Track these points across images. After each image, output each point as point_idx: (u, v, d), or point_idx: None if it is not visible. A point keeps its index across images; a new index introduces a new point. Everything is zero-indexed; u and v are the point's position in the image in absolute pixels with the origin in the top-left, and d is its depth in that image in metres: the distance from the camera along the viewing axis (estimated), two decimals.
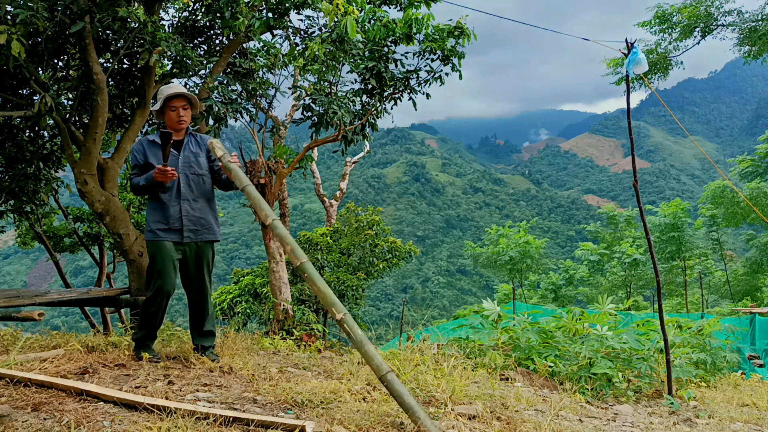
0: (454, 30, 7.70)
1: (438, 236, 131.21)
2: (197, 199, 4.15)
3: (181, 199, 4.08)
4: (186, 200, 4.10)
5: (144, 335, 4.16)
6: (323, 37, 6.80)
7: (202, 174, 4.20)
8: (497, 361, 5.11)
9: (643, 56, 5.09)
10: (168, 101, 4.10)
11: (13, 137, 7.99)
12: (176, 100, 4.10)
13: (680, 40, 19.64)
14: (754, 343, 11.37)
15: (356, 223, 15.41)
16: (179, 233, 4.07)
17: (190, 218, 4.10)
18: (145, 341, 4.18)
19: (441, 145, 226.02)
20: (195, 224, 4.13)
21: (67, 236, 12.92)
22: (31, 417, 2.61)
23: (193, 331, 4.31)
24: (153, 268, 4.07)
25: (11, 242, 78.10)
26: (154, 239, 4.05)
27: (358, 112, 8.54)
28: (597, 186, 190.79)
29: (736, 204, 28.07)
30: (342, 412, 3.00)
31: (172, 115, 4.11)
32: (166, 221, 4.05)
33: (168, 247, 4.05)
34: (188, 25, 7.40)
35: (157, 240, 4.04)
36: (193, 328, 4.32)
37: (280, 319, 9.03)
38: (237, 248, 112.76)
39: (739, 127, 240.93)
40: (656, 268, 5.29)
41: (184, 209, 4.09)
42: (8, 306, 4.66)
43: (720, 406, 4.92)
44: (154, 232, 4.05)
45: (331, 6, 5.75)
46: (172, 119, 4.12)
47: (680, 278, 31.48)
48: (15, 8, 5.33)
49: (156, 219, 4.06)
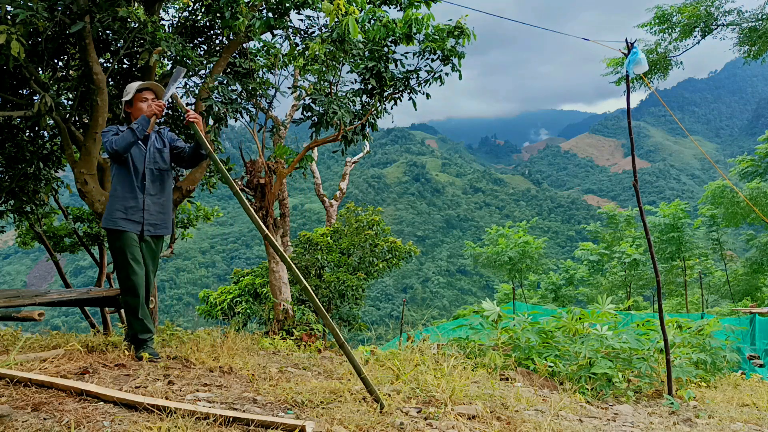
0: (454, 30, 7.71)
1: (438, 236, 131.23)
2: (159, 195, 4.28)
3: (145, 194, 4.18)
4: (149, 195, 4.21)
5: (137, 332, 4.13)
6: (323, 37, 6.80)
7: (165, 170, 4.34)
8: (497, 361, 5.11)
9: (643, 56, 5.09)
10: (138, 92, 4.24)
11: (13, 137, 7.99)
12: (146, 92, 4.27)
13: (680, 40, 19.64)
14: (754, 343, 11.37)
15: (356, 223, 15.42)
16: (139, 226, 4.15)
17: (151, 212, 4.21)
18: (142, 339, 4.15)
19: (441, 145, 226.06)
20: (155, 219, 4.24)
21: (67, 236, 12.92)
22: (31, 417, 2.61)
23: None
24: (123, 261, 4.07)
25: (11, 242, 78.19)
26: (117, 228, 4.08)
27: (358, 112, 8.55)
28: (597, 186, 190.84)
29: (736, 204, 28.08)
30: (342, 412, 3.00)
31: (142, 106, 4.22)
32: (127, 212, 4.11)
33: (133, 237, 4.11)
34: (188, 25, 7.41)
35: (122, 230, 4.08)
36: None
37: (280, 319, 9.03)
38: (237, 248, 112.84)
39: (739, 127, 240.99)
40: (656, 268, 5.29)
41: (147, 203, 4.19)
42: (8, 306, 4.66)
43: (720, 406, 4.92)
44: (115, 221, 4.08)
45: (331, 6, 5.75)
46: (142, 110, 4.22)
47: (680, 278, 31.49)
48: (15, 8, 5.33)
49: (118, 209, 4.10)
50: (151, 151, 4.28)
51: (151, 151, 4.28)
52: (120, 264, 4.11)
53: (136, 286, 4.07)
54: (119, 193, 4.14)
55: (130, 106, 4.29)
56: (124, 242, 4.08)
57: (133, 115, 4.28)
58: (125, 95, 4.30)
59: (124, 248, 4.07)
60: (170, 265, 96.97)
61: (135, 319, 4.13)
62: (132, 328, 4.16)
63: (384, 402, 3.14)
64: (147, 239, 4.22)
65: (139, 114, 4.23)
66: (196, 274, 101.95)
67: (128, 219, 4.11)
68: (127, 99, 4.27)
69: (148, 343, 4.16)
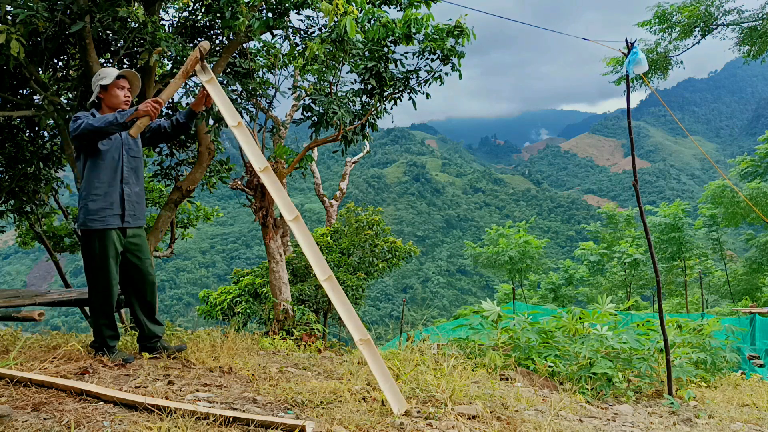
0: (454, 29, 7.70)
1: (438, 236, 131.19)
2: (136, 183, 4.14)
3: (123, 183, 4.03)
4: (127, 183, 4.06)
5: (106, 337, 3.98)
6: (323, 37, 6.80)
7: (139, 157, 4.20)
8: (497, 361, 5.11)
9: (643, 56, 5.08)
10: (117, 79, 4.06)
11: (13, 137, 7.99)
12: (123, 80, 4.12)
13: (680, 40, 19.62)
14: (754, 343, 11.38)
15: (356, 223, 15.40)
16: (120, 218, 3.99)
17: (131, 201, 4.07)
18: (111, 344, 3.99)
19: (441, 145, 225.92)
20: (134, 209, 4.09)
21: (67, 236, 12.91)
22: (31, 417, 2.61)
23: (144, 321, 4.17)
24: (96, 262, 3.90)
25: (11, 242, 78.16)
26: (99, 227, 3.89)
27: (358, 112, 8.54)
28: (597, 186, 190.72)
29: (736, 204, 28.07)
30: (342, 412, 3.00)
31: (119, 94, 4.06)
32: (110, 205, 3.94)
33: (113, 236, 3.95)
34: (188, 25, 7.40)
35: (103, 228, 3.90)
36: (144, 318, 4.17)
37: (280, 319, 9.03)
38: (237, 248, 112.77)
39: (739, 127, 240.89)
40: (656, 268, 5.29)
41: (126, 192, 4.04)
42: (8, 306, 4.66)
43: (720, 406, 4.92)
44: (97, 216, 3.90)
45: (330, 6, 5.75)
46: (118, 98, 4.06)
47: (680, 278, 31.49)
48: (15, 8, 5.34)
49: (104, 206, 3.93)
50: (125, 137, 4.10)
51: (125, 137, 4.10)
52: (99, 264, 3.91)
53: (112, 287, 3.93)
54: (100, 188, 3.93)
55: (105, 91, 4.06)
56: (111, 241, 3.92)
57: (105, 101, 4.07)
58: (101, 78, 4.05)
59: (102, 249, 3.89)
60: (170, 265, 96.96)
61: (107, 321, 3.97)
62: (101, 335, 3.97)
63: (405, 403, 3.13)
64: (129, 231, 4.06)
65: (112, 102, 4.05)
66: (196, 274, 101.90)
67: (112, 215, 3.94)
68: (104, 83, 4.03)
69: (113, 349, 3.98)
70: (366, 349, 3.24)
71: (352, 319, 3.32)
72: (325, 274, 3.44)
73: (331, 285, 3.41)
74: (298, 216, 3.59)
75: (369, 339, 3.28)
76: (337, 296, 3.37)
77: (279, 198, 3.58)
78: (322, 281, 3.43)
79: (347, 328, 3.30)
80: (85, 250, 3.97)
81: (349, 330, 3.29)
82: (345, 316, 3.33)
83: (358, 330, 3.29)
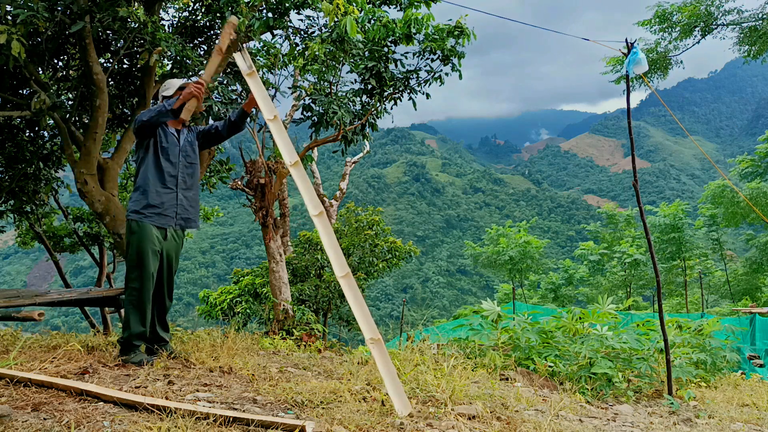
0: (454, 30, 7.70)
1: (438, 236, 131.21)
2: (190, 189, 4.24)
3: (178, 188, 4.13)
4: (182, 189, 4.17)
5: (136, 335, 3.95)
6: (323, 37, 6.80)
7: (195, 164, 4.32)
8: (497, 361, 5.11)
9: (643, 56, 5.08)
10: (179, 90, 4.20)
11: (13, 137, 7.99)
12: None
13: (680, 40, 19.63)
14: (754, 343, 11.38)
15: (356, 223, 15.41)
16: (170, 219, 4.07)
17: (184, 206, 4.17)
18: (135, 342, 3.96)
19: (441, 145, 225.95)
20: (186, 213, 4.19)
21: (67, 236, 12.93)
22: (31, 417, 2.61)
23: (155, 323, 4.17)
24: (137, 254, 3.94)
25: (11, 242, 78.07)
26: (142, 220, 3.96)
27: (358, 112, 8.54)
28: (597, 186, 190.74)
29: (736, 204, 28.08)
30: (342, 412, 3.00)
31: None
32: (161, 205, 4.03)
33: (153, 232, 4.00)
34: (188, 25, 7.41)
35: (146, 222, 3.96)
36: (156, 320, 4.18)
37: (280, 319, 9.03)
38: (237, 248, 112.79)
39: (739, 127, 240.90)
40: (656, 268, 5.29)
41: (180, 197, 4.14)
42: (8, 306, 4.66)
43: (720, 406, 4.92)
44: (142, 212, 3.97)
45: (331, 6, 5.75)
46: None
47: (680, 278, 31.50)
48: (15, 8, 5.33)
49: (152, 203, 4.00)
50: (183, 145, 4.23)
51: (183, 145, 4.23)
52: (138, 258, 3.94)
53: (148, 282, 3.95)
54: (152, 186, 4.02)
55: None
56: (149, 237, 3.96)
57: None
58: (165, 89, 4.26)
59: (141, 242, 3.94)
60: None
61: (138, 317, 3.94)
62: (128, 330, 3.95)
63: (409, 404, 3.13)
64: (173, 234, 4.12)
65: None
66: (196, 274, 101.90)
67: (161, 214, 4.02)
68: (166, 94, 4.24)
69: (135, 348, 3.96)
70: (376, 349, 3.25)
71: (365, 317, 3.34)
72: (343, 271, 3.49)
73: (348, 282, 3.45)
74: (322, 212, 3.64)
75: (380, 339, 3.29)
76: (353, 294, 3.41)
77: (306, 193, 3.63)
78: (339, 277, 3.49)
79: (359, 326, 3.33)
80: (127, 241, 4.06)
81: (361, 328, 3.31)
82: (359, 314, 3.36)
83: (371, 329, 3.31)
